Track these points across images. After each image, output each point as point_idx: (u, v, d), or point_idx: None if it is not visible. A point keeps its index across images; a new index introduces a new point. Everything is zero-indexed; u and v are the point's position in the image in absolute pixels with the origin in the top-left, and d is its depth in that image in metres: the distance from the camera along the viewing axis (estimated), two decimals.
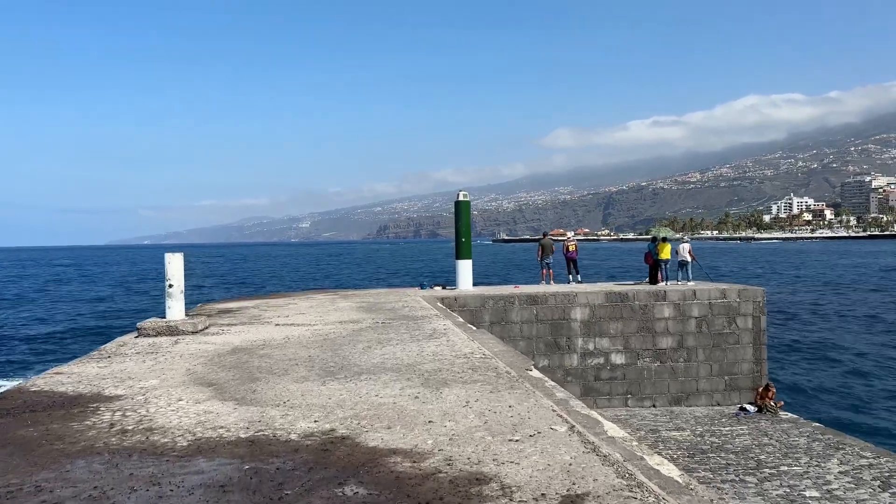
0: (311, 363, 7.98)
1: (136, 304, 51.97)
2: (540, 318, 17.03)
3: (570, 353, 17.13)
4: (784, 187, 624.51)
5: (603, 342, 17.24)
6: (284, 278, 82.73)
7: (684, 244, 19.90)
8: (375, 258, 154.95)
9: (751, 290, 17.87)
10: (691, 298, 17.57)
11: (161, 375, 7.59)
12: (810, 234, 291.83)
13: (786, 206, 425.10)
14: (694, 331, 17.56)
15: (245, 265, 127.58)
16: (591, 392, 17.19)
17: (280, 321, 12.27)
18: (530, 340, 16.99)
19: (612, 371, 17.30)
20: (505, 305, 16.93)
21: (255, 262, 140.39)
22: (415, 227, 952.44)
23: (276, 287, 64.71)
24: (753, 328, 17.71)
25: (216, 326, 11.75)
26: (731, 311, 17.65)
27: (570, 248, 21.50)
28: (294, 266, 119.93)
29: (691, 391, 17.53)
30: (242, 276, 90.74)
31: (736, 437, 14.55)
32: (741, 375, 17.65)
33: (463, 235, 19.29)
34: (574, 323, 17.14)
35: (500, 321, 16.87)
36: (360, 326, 11.13)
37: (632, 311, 17.35)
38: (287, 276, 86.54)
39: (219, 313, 14.12)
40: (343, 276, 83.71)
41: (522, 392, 6.22)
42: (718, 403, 17.54)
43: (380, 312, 13.17)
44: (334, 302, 15.82)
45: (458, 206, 19.40)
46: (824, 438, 14.27)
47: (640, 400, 17.35)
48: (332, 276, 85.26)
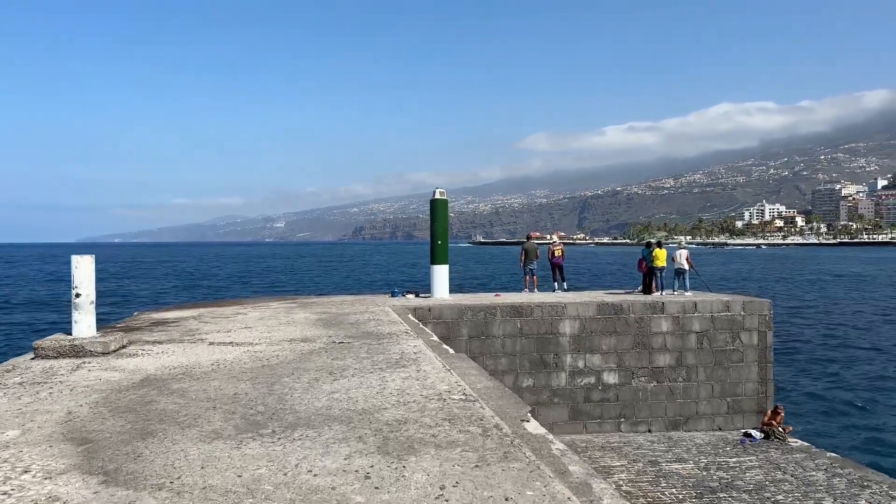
0: (235, 406, 5.99)
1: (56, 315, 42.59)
2: (524, 331, 15.15)
3: (558, 371, 15.28)
4: (756, 194, 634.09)
5: (594, 359, 15.42)
6: (250, 280, 79.51)
7: (682, 250, 18.18)
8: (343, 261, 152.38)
9: (756, 301, 16.19)
10: (692, 311, 15.83)
11: (28, 423, 5.54)
12: (782, 241, 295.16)
13: (758, 213, 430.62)
14: (694, 347, 15.83)
15: (212, 265, 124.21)
16: (581, 415, 15.35)
17: (217, 338, 10.22)
18: (513, 357, 15.10)
19: (604, 391, 15.48)
20: (485, 318, 15.02)
21: (221, 263, 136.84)
22: (391, 228, 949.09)
23: (238, 290, 61.85)
24: (759, 344, 16.04)
25: (137, 345, 9.66)
26: (735, 325, 15.95)
27: (556, 252, 19.67)
28: (264, 266, 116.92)
29: (690, 414, 15.79)
30: (205, 276, 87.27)
31: (746, 471, 12.80)
32: (745, 397, 15.95)
33: (439, 237, 17.36)
34: (562, 338, 15.29)
35: (479, 335, 14.96)
36: (312, 347, 9.12)
37: (626, 325, 15.56)
38: (254, 278, 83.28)
39: (150, 326, 12.01)
40: (311, 279, 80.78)
41: (521, 466, 4.31)
42: (720, 428, 15.82)
43: (340, 328, 11.17)
44: (290, 312, 13.77)
45: (435, 204, 17.46)
46: (845, 473, 12.58)
47: (634, 424, 15.56)
48: (300, 279, 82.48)
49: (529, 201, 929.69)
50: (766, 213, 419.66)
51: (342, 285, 68.18)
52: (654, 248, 18.22)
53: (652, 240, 18.60)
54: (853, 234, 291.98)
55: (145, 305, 41.90)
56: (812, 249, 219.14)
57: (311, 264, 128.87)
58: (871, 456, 15.32)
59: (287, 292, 54.15)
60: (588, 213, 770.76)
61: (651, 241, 18.61)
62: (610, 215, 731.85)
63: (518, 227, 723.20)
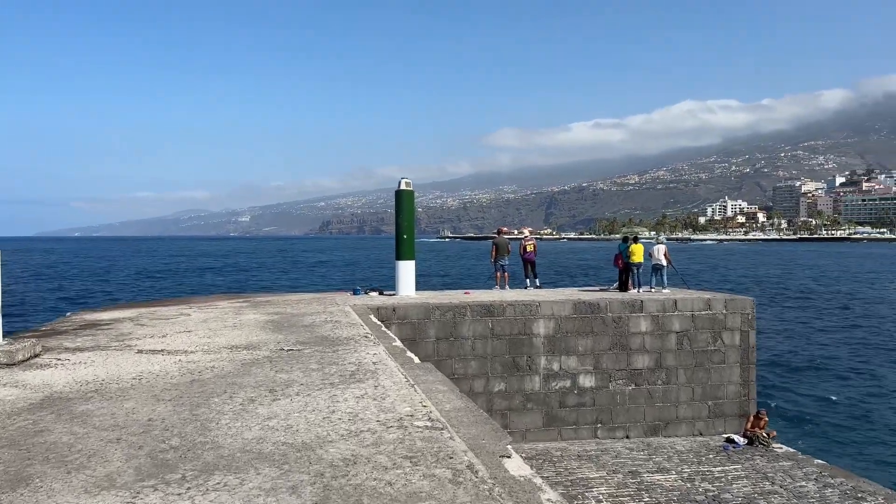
0: (145, 438, 4.81)
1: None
2: (496, 332, 14.12)
3: (532, 374, 14.29)
4: (718, 190, 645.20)
5: (570, 361, 14.47)
6: (206, 275, 76.49)
7: (660, 245, 17.34)
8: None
9: (739, 300, 15.41)
10: (671, 310, 14.97)
11: None
12: (744, 236, 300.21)
13: (720, 209, 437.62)
14: (674, 348, 14.98)
15: (172, 259, 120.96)
16: (556, 421, 14.39)
17: (149, 345, 8.95)
18: (484, 360, 14.06)
19: (580, 396, 14.54)
20: (454, 318, 13.94)
21: (181, 257, 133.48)
22: (358, 223, 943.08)
23: (191, 287, 59.32)
24: (741, 345, 15.26)
25: (53, 353, 8.35)
26: (717, 324, 15.15)
27: (528, 248, 18.68)
28: (224, 261, 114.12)
29: (670, 419, 14.95)
30: (161, 272, 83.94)
31: (733, 482, 11.96)
32: (727, 400, 15.18)
33: (405, 231, 16.22)
34: (536, 339, 14.30)
35: (448, 336, 13.88)
36: (255, 357, 7.93)
37: (603, 325, 14.63)
38: (211, 274, 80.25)
39: (77, 329, 10.66)
40: (271, 275, 78.08)
41: None
42: (701, 433, 15.01)
43: (292, 331, 9.97)
44: (239, 313, 12.51)
45: (401, 196, 16.31)
46: (836, 483, 11.82)
47: (611, 430, 14.66)
48: (258, 274, 79.68)
49: (497, 196, 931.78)
50: (728, 210, 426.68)
51: (302, 282, 65.45)
52: (631, 243, 17.35)
53: (631, 234, 17.69)
54: (813, 230, 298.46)
55: (94, 304, 39.97)
56: (773, 245, 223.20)
57: (272, 258, 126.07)
58: (858, 461, 14.69)
59: (241, 290, 52.18)
60: (555, 208, 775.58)
61: (628, 236, 17.73)
62: (576, 211, 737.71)
63: (486, 222, 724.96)
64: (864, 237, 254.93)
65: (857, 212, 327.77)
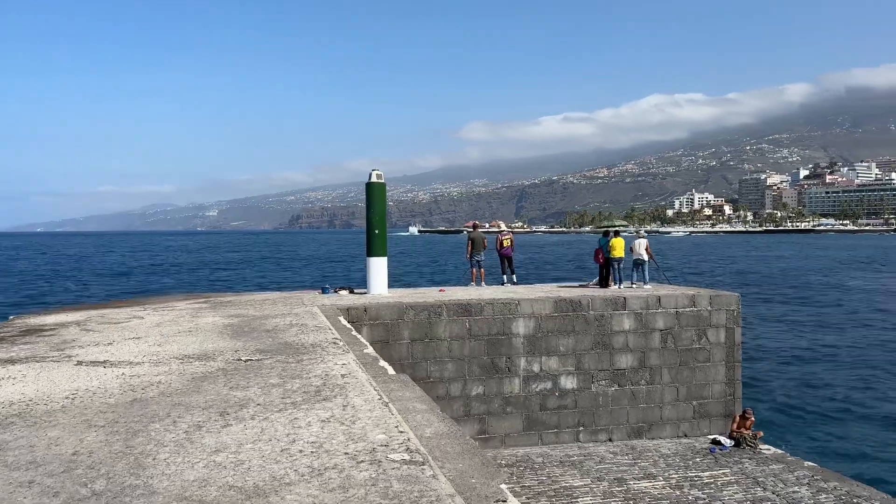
0: (63, 479, 3.96)
1: None
2: (474, 332, 13.39)
3: (511, 376, 13.60)
4: (685, 183, 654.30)
5: (551, 362, 13.81)
6: (167, 273, 72.75)
7: (641, 239, 16.78)
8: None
9: (724, 295, 14.90)
10: (655, 307, 14.40)
11: None
12: (711, 229, 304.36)
13: (688, 202, 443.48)
14: (658, 346, 14.43)
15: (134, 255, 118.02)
16: (536, 425, 13.74)
17: (91, 354, 8.03)
18: (461, 362, 13.33)
19: (562, 398, 13.91)
20: (430, 317, 13.17)
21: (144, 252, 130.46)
22: (329, 216, 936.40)
23: (152, 285, 56.65)
24: (727, 342, 14.77)
25: None
26: (702, 321, 14.63)
27: (505, 242, 18.00)
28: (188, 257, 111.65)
29: (654, 420, 14.40)
30: (122, 269, 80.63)
31: (723, 488, 11.42)
32: (712, 400, 14.68)
33: (376, 226, 15.39)
34: (516, 339, 13.61)
35: (423, 337, 13.12)
36: (208, 369, 7.07)
37: (585, 323, 14.00)
38: (175, 270, 77.12)
39: (16, 336, 9.66)
40: (235, 272, 75.23)
41: None
42: (686, 435, 14.50)
43: (252, 337, 9.11)
44: (197, 316, 11.58)
45: (371, 188, 15.46)
46: (830, 488, 11.35)
47: (593, 433, 14.06)
48: (225, 271, 77.20)
49: (468, 190, 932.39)
50: (695, 202, 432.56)
51: (267, 280, 62.59)
52: (612, 237, 16.76)
53: (612, 228, 17.08)
54: (778, 222, 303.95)
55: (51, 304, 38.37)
56: (740, 237, 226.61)
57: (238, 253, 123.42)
58: (848, 462, 14.30)
59: (204, 288, 50.23)
60: (525, 202, 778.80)
61: (608, 230, 17.14)
62: (547, 204, 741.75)
63: (457, 215, 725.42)
64: (828, 229, 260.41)
65: (820, 204, 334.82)
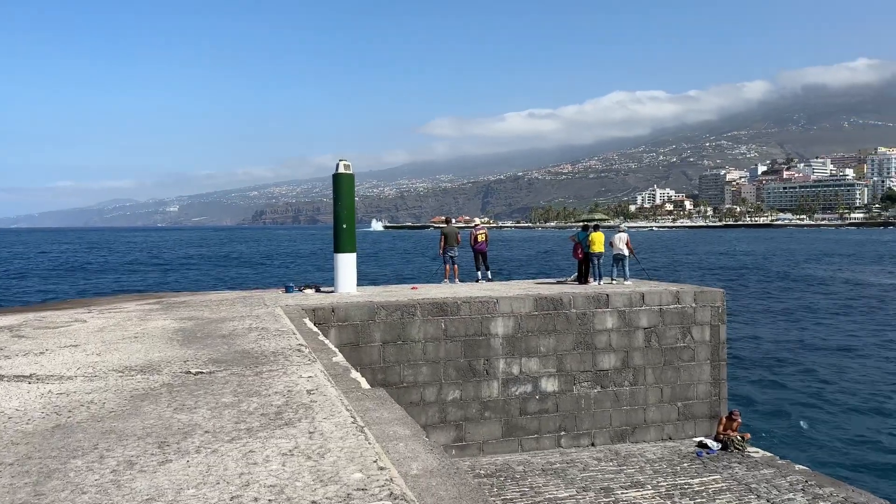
0: None
1: None
2: (450, 333, 12.53)
3: (490, 379, 12.78)
4: (647, 179, 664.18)
5: (531, 364, 13.03)
6: (120, 271, 68.40)
7: (621, 233, 16.12)
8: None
9: (709, 291, 14.31)
10: (639, 304, 13.73)
11: None
12: (673, 224, 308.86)
13: (650, 197, 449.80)
14: (641, 345, 13.76)
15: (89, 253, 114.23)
16: (516, 430, 12.95)
17: (18, 367, 6.94)
18: (437, 365, 12.46)
19: (542, 401, 13.14)
20: (402, 318, 12.27)
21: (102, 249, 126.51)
22: (293, 212, 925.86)
23: (102, 284, 53.07)
24: (712, 340, 14.18)
25: None
26: (686, 319, 14.01)
27: (479, 237, 17.19)
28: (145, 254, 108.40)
29: (638, 423, 13.74)
30: (74, 267, 76.96)
31: (715, 497, 10.79)
32: (697, 401, 14.08)
33: (344, 220, 14.40)
34: (494, 339, 12.80)
35: (395, 340, 12.21)
36: (150, 385, 6.07)
37: (567, 322, 13.26)
38: (128, 268, 72.33)
39: None
40: (193, 270, 71.65)
41: None
42: (670, 437, 13.88)
43: (206, 343, 8.10)
44: (146, 319, 10.48)
45: (339, 180, 14.47)
46: (826, 494, 10.80)
47: (575, 437, 13.33)
48: (182, 268, 73.43)
49: (434, 186, 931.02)
50: (657, 198, 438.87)
51: (227, 277, 59.57)
52: (591, 231, 16.05)
53: (592, 222, 16.37)
54: (737, 217, 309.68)
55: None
56: (701, 231, 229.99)
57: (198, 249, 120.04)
58: (838, 464, 13.84)
59: (158, 287, 47.65)
60: (491, 197, 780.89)
61: (588, 224, 16.42)
62: (512, 199, 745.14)
63: (423, 211, 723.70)
64: (786, 223, 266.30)
65: (778, 199, 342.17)
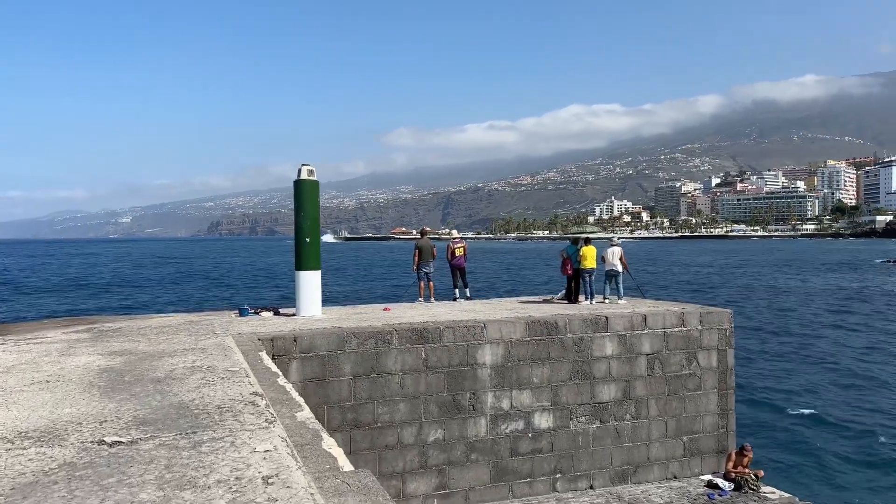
0: None
1: None
2: (431, 364, 10.90)
3: (477, 416, 11.18)
4: (604, 191, 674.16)
5: (523, 397, 11.48)
6: (47, 292, 59.16)
7: (614, 248, 14.75)
8: None
9: (716, 312, 12.99)
10: (641, 327, 12.32)
11: None
12: (630, 235, 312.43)
13: (607, 209, 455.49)
14: (644, 374, 12.35)
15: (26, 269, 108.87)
16: (506, 474, 11.35)
17: None
18: (416, 401, 10.80)
19: (536, 440, 11.59)
20: (376, 346, 10.59)
21: (43, 264, 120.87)
22: (251, 223, 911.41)
23: (26, 306, 46.57)
24: (719, 366, 12.86)
25: None
26: (692, 343, 12.66)
27: (457, 251, 15.63)
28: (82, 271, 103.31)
29: (640, 462, 12.29)
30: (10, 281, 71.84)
31: None
32: (703, 434, 12.72)
33: (308, 232, 12.67)
34: (482, 369, 11.21)
35: (368, 373, 10.52)
36: (45, 464, 4.25)
37: (562, 349, 11.76)
38: (54, 289, 61.98)
39: None
40: (143, 284, 67.01)
41: None
42: (675, 476, 12.46)
43: (133, 392, 6.29)
44: (68, 353, 8.57)
45: (301, 186, 12.73)
46: None
47: (572, 480, 11.80)
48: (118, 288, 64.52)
49: (394, 197, 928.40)
50: (614, 209, 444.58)
51: (172, 297, 53.25)
52: (582, 245, 14.65)
53: (582, 236, 14.95)
54: (693, 229, 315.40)
55: None
56: (660, 243, 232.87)
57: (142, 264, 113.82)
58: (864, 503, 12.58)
59: (95, 309, 41.87)
60: (452, 208, 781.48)
61: (578, 238, 15.02)
62: (472, 211, 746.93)
63: (383, 222, 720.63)
64: (741, 235, 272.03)
65: (732, 211, 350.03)
